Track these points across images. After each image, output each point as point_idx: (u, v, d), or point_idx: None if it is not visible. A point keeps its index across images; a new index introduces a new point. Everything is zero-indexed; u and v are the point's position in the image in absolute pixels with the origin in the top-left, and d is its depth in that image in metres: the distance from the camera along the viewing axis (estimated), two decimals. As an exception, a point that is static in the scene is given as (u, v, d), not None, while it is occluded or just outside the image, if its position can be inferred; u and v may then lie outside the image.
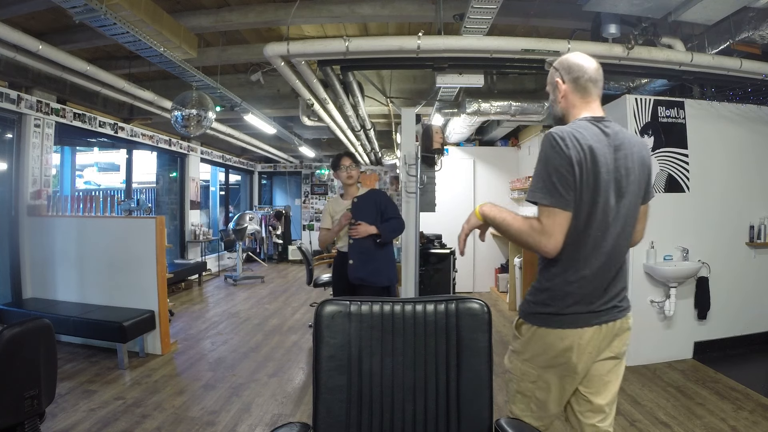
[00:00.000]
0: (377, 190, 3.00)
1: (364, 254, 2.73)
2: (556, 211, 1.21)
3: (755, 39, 2.71)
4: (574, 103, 1.37)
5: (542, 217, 1.22)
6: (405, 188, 3.82)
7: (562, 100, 1.39)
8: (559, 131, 1.25)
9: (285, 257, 9.83)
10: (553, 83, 1.42)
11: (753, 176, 3.72)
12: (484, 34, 2.96)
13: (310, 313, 4.99)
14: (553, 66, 1.43)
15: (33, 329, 1.64)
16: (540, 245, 1.23)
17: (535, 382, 1.38)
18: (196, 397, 2.91)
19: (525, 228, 1.25)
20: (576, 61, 1.39)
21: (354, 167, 2.86)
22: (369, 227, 2.70)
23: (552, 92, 1.43)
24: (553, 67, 1.44)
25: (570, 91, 1.37)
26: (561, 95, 1.39)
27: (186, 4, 3.25)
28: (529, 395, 1.41)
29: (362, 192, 2.89)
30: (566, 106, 1.38)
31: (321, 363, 1.25)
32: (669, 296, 3.42)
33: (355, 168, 2.86)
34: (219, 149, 8.42)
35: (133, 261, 3.74)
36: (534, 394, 1.39)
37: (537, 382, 1.38)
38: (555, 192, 1.20)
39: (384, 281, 2.78)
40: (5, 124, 4.07)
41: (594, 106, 1.37)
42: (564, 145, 1.22)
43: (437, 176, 3.94)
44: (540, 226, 1.22)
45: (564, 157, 1.21)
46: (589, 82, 1.36)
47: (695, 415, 2.60)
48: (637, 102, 3.51)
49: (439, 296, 1.34)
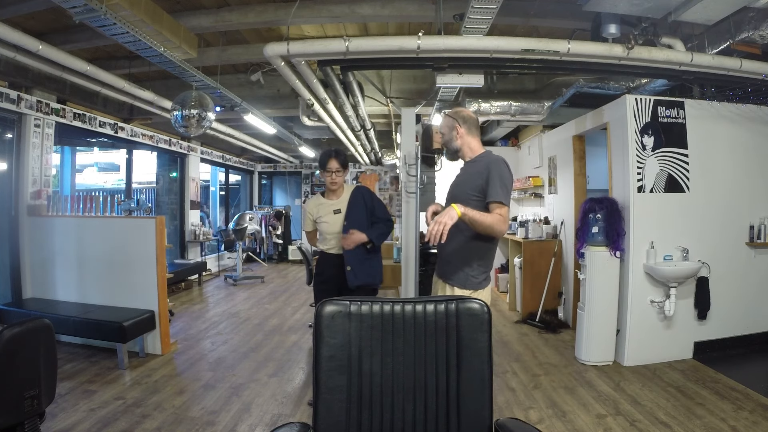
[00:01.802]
0: (361, 187, 2.85)
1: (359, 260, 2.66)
2: (507, 208, 1.88)
3: (755, 39, 2.71)
4: (468, 141, 2.07)
5: (503, 212, 1.85)
6: (405, 188, 3.82)
7: (459, 138, 2.06)
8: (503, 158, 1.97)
9: (285, 257, 9.83)
10: (452, 127, 2.06)
11: (753, 176, 3.72)
12: (484, 34, 2.96)
13: (310, 313, 4.99)
14: (449, 116, 2.09)
15: (33, 329, 1.64)
16: (504, 230, 1.86)
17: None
18: (196, 397, 2.91)
19: (496, 220, 1.82)
20: (467, 114, 2.09)
21: (340, 173, 2.70)
22: (361, 236, 2.59)
23: (449, 133, 2.08)
24: (449, 117, 2.09)
25: (464, 133, 2.06)
26: (458, 135, 2.06)
27: (186, 4, 3.25)
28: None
29: (346, 194, 2.76)
30: (462, 143, 2.06)
31: (321, 363, 1.25)
32: (669, 296, 3.42)
33: (341, 174, 2.70)
34: (219, 149, 8.43)
35: (133, 261, 3.74)
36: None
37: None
38: (509, 196, 1.90)
39: (377, 282, 2.74)
40: (5, 124, 4.07)
41: (479, 142, 2.12)
42: (509, 168, 1.95)
43: (437, 176, 3.94)
44: (503, 218, 1.84)
45: (511, 175, 1.95)
46: (475, 126, 2.09)
47: (695, 415, 2.60)
48: (637, 102, 3.51)
49: (439, 296, 1.34)
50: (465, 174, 2.05)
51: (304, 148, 7.76)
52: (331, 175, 2.69)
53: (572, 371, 3.33)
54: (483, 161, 1.99)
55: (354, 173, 10.05)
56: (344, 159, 2.75)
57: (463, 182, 2.03)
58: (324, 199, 2.81)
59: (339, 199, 2.77)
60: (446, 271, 2.01)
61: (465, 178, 2.03)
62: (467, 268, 1.95)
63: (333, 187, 2.74)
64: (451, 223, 1.71)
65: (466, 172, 2.05)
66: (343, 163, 2.72)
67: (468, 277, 1.94)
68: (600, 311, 3.48)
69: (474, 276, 1.95)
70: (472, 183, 1.96)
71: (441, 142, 2.14)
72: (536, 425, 2.25)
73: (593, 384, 3.10)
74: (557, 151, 5.04)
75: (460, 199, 1.92)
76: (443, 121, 2.12)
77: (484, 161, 1.98)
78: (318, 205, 2.79)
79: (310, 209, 2.80)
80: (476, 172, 1.96)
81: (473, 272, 1.95)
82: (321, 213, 2.75)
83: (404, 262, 3.84)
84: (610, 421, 2.55)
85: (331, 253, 2.74)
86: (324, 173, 2.73)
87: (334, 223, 2.71)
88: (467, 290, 1.94)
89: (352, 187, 2.83)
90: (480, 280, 1.96)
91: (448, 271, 2.00)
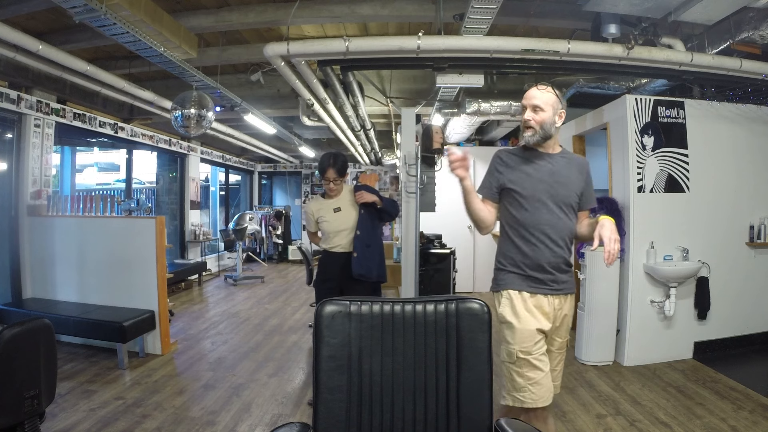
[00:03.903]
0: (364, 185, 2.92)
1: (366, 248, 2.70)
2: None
3: (755, 39, 2.71)
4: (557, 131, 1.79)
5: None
6: (405, 188, 3.82)
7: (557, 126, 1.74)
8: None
9: (285, 257, 9.83)
10: (557, 110, 1.71)
11: (753, 176, 3.72)
12: (484, 34, 2.96)
13: (310, 313, 4.99)
14: (556, 95, 1.72)
15: (33, 329, 1.64)
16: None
17: None
18: (196, 397, 2.91)
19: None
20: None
21: (338, 182, 2.75)
22: (371, 195, 2.69)
23: (553, 114, 1.71)
24: (555, 95, 1.72)
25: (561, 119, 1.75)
26: (559, 122, 1.73)
27: (186, 4, 3.25)
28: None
29: (345, 192, 2.81)
30: (555, 131, 1.76)
31: (321, 363, 1.25)
32: (669, 296, 3.42)
33: (339, 183, 2.76)
34: (219, 149, 8.43)
35: (133, 261, 3.74)
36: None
37: None
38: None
39: (373, 275, 2.75)
40: (5, 124, 4.07)
41: None
42: None
43: (437, 176, 3.94)
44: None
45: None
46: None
47: (695, 415, 2.60)
48: (637, 102, 3.51)
49: (439, 296, 1.34)
50: (563, 170, 1.74)
51: (304, 148, 7.76)
52: (329, 184, 2.75)
53: (572, 371, 3.33)
54: (575, 159, 1.79)
55: (354, 173, 10.06)
56: (342, 166, 2.75)
57: (568, 182, 1.74)
58: (324, 200, 2.85)
59: (338, 198, 2.81)
60: (566, 280, 1.77)
61: (568, 176, 1.74)
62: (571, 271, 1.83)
63: (331, 194, 2.80)
64: (618, 238, 1.58)
65: (564, 168, 1.75)
66: (340, 171, 2.74)
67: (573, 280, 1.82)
68: (600, 311, 3.48)
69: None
70: (576, 184, 1.75)
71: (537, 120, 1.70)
72: (536, 425, 2.25)
73: (593, 384, 3.10)
74: (557, 151, 5.03)
75: (566, 202, 1.72)
76: (542, 96, 1.70)
77: (576, 159, 1.80)
78: (318, 206, 2.82)
79: (311, 210, 2.83)
80: (577, 172, 1.76)
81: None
82: (322, 213, 2.79)
83: (404, 262, 3.84)
84: (610, 421, 2.55)
85: (333, 252, 2.76)
86: (323, 181, 2.78)
87: (335, 222, 2.75)
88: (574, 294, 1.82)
89: (351, 186, 2.87)
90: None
91: (567, 279, 1.77)
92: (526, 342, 1.67)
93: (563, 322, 1.77)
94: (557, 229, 1.70)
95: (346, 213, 2.75)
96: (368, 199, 2.68)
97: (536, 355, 1.67)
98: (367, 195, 2.69)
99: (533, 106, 1.70)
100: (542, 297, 1.72)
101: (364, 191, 2.71)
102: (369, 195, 2.70)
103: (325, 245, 2.81)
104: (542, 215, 1.71)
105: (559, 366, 1.82)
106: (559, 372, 1.82)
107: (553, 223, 1.71)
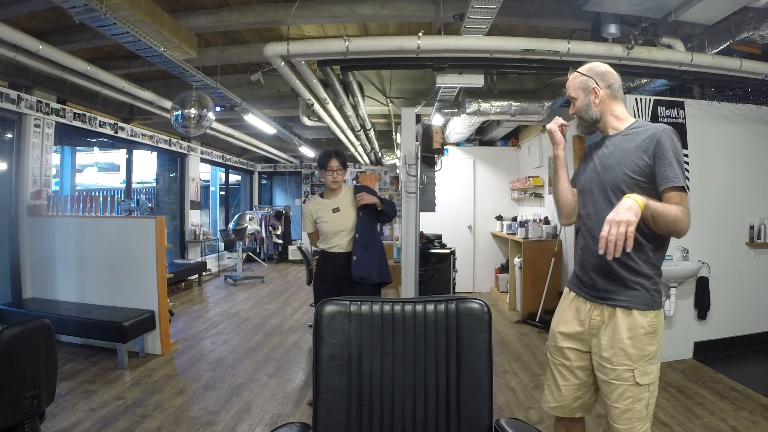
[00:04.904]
0: (362, 185, 2.93)
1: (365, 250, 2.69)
2: (687, 194, 1.35)
3: (755, 39, 2.71)
4: (611, 106, 1.53)
5: (686, 202, 1.33)
6: (405, 188, 3.82)
7: (600, 104, 1.52)
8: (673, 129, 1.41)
9: (285, 257, 9.83)
10: (587, 89, 1.52)
11: (753, 176, 3.72)
12: (484, 34, 2.96)
13: (310, 313, 4.99)
14: (583, 73, 1.54)
15: (33, 329, 1.64)
16: (687, 226, 1.33)
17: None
18: (196, 397, 2.91)
19: (680, 214, 1.31)
20: (606, 69, 1.54)
21: (341, 171, 2.74)
22: (371, 197, 2.68)
23: (585, 97, 1.53)
24: (583, 74, 1.54)
25: (606, 96, 1.51)
26: (599, 100, 1.51)
27: (186, 4, 3.25)
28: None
29: (344, 193, 2.80)
30: (603, 109, 1.52)
31: (321, 363, 1.25)
32: (669, 296, 3.41)
33: (341, 173, 2.74)
34: (219, 149, 8.43)
35: (133, 261, 3.74)
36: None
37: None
38: (685, 179, 1.35)
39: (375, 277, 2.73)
40: (5, 124, 4.07)
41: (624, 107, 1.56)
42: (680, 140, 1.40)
43: (437, 176, 3.94)
44: (686, 210, 1.33)
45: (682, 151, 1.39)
46: (619, 86, 1.54)
47: (695, 415, 2.60)
48: (637, 102, 3.50)
49: (439, 296, 1.34)
50: (617, 150, 1.47)
51: (304, 148, 7.76)
52: (332, 173, 2.72)
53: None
54: (644, 132, 1.43)
55: (354, 173, 10.06)
56: (344, 158, 2.79)
57: (618, 162, 1.44)
58: (322, 200, 2.83)
59: (337, 198, 2.79)
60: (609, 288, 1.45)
61: (619, 157, 1.45)
62: (645, 280, 1.41)
63: (334, 186, 2.76)
64: (635, 220, 1.24)
65: (619, 147, 1.47)
66: (343, 162, 2.76)
67: (650, 292, 1.41)
68: (600, 311, 3.47)
69: (656, 290, 1.43)
70: (630, 162, 1.41)
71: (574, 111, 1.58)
72: (536, 425, 2.25)
73: (593, 384, 3.10)
74: (557, 151, 5.03)
75: (616, 186, 1.43)
76: (572, 82, 1.56)
77: (645, 132, 1.42)
78: (317, 206, 2.80)
79: (310, 210, 2.81)
80: (635, 147, 1.42)
81: (654, 285, 1.42)
82: (320, 213, 2.76)
83: (404, 262, 3.84)
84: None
85: (332, 252, 2.74)
86: (325, 172, 2.74)
87: (334, 222, 2.73)
88: (651, 311, 1.41)
89: (351, 186, 2.85)
90: (661, 292, 1.47)
91: (613, 289, 1.44)
92: (550, 341, 1.61)
93: (613, 342, 1.41)
94: (601, 222, 1.33)
95: (345, 213, 2.73)
96: (369, 201, 2.67)
97: (556, 359, 1.56)
98: (368, 197, 2.68)
99: (569, 98, 1.59)
100: (581, 302, 1.52)
101: (365, 193, 2.70)
102: (369, 197, 2.69)
103: (324, 246, 2.78)
104: (588, 208, 1.52)
105: (621, 404, 1.40)
106: (621, 414, 1.40)
107: (597, 216, 1.46)
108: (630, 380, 1.38)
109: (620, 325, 1.41)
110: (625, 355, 1.39)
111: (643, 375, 1.38)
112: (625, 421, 1.40)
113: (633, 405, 1.39)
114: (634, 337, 1.38)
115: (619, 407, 1.41)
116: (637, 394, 1.38)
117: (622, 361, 1.39)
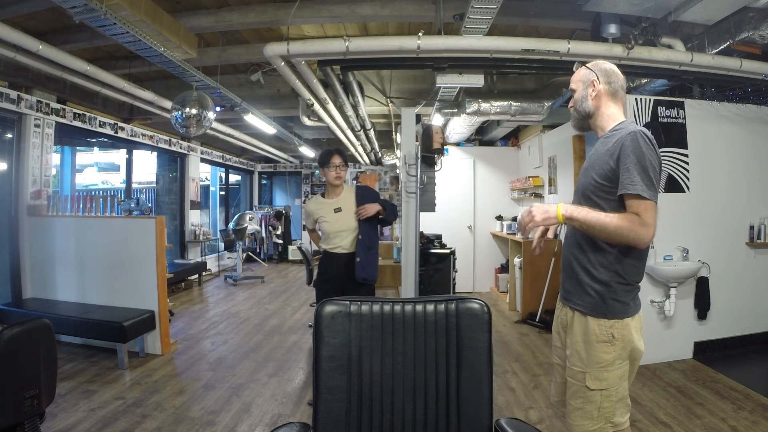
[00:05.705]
0: (364, 185, 2.94)
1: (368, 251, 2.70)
2: (653, 204, 1.28)
3: (755, 39, 2.71)
4: (606, 103, 1.49)
5: (642, 210, 1.28)
6: (405, 188, 3.82)
7: (595, 98, 1.49)
8: (646, 131, 1.35)
9: (285, 257, 9.83)
10: (587, 81, 1.50)
11: (753, 176, 3.72)
12: (484, 34, 2.96)
13: (310, 313, 4.99)
14: (587, 67, 1.53)
15: (33, 329, 1.64)
16: (640, 238, 1.28)
17: (623, 377, 1.41)
18: (196, 397, 2.91)
19: (625, 224, 1.28)
20: (611, 68, 1.52)
21: (344, 167, 2.75)
22: (374, 205, 2.68)
23: (583, 89, 1.51)
24: (586, 68, 1.53)
25: (604, 92, 1.49)
26: (594, 94, 1.49)
27: (186, 4, 3.25)
28: (624, 395, 1.43)
29: (346, 193, 2.80)
30: (597, 104, 1.50)
31: (321, 363, 1.25)
32: (669, 296, 3.42)
33: (344, 168, 2.75)
34: (219, 149, 8.43)
35: (133, 261, 3.74)
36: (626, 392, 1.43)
37: (623, 376, 1.41)
38: (652, 186, 1.29)
39: (375, 278, 2.76)
40: (5, 124, 4.07)
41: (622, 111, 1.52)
42: (654, 144, 1.34)
43: (437, 176, 3.94)
44: (640, 219, 1.27)
45: (657, 155, 1.34)
46: (621, 88, 1.51)
47: (695, 415, 2.60)
48: (637, 102, 3.51)
49: (439, 296, 1.34)
50: (594, 153, 1.48)
51: (304, 148, 7.76)
52: (335, 169, 2.72)
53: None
54: (617, 135, 1.39)
55: (354, 173, 10.06)
56: (345, 156, 2.82)
57: (591, 165, 1.46)
58: (324, 199, 2.82)
59: (339, 198, 2.78)
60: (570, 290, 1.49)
61: (593, 160, 1.46)
62: (601, 287, 1.39)
63: (337, 182, 2.76)
64: (540, 222, 1.35)
65: (597, 151, 1.47)
66: (345, 159, 2.78)
67: (605, 300, 1.39)
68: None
69: (615, 299, 1.38)
70: (598, 167, 1.41)
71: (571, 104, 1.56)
72: (536, 425, 2.25)
73: (593, 384, 3.10)
74: (557, 151, 5.04)
75: (585, 191, 1.45)
76: (576, 75, 1.54)
77: (618, 135, 1.38)
78: (318, 206, 2.80)
79: (311, 209, 2.82)
80: (606, 150, 1.40)
81: (612, 293, 1.39)
82: (322, 213, 2.76)
83: (404, 262, 3.84)
84: (610, 421, 2.55)
85: (333, 253, 2.74)
86: (328, 169, 2.75)
87: (335, 222, 2.73)
88: (605, 320, 1.38)
89: (353, 186, 2.84)
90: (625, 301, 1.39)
91: (573, 291, 1.48)
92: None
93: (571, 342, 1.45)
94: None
95: (347, 214, 2.73)
96: (371, 213, 2.67)
97: (553, 356, 1.65)
98: (370, 207, 2.67)
99: (570, 91, 1.56)
100: (560, 301, 1.59)
101: (367, 205, 2.68)
102: (371, 207, 2.67)
103: (326, 246, 2.78)
104: None
105: (574, 401, 1.44)
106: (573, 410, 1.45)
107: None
108: (581, 381, 1.42)
109: (576, 329, 1.45)
110: (578, 357, 1.43)
111: (594, 380, 1.39)
112: (576, 417, 1.44)
113: (584, 405, 1.42)
114: (587, 342, 1.41)
115: (572, 404, 1.45)
116: (588, 396, 1.41)
117: (575, 362, 1.44)
